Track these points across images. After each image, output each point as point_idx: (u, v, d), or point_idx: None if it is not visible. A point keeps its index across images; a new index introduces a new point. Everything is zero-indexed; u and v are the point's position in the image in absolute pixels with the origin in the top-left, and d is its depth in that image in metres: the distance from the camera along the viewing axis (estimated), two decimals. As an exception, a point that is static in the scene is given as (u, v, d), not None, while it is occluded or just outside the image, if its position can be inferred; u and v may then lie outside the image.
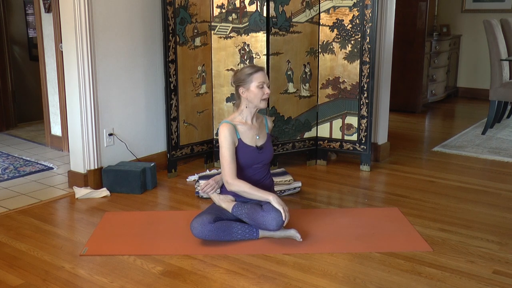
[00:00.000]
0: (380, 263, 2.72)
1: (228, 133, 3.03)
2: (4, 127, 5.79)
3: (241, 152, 3.09)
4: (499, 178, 4.14)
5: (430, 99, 7.09)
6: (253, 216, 2.92)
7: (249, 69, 3.11)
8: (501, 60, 5.45)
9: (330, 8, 4.20)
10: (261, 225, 2.91)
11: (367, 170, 4.28)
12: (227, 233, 2.92)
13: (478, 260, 2.75)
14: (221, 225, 2.92)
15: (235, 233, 2.93)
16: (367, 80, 4.13)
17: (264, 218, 2.88)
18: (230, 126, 3.06)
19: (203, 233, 2.88)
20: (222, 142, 3.03)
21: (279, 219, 2.86)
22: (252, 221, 2.94)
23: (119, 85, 3.96)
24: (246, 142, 3.11)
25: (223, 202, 3.06)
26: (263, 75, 3.09)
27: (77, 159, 3.88)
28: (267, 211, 2.89)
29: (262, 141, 3.18)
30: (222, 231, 2.91)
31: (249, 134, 3.13)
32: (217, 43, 4.21)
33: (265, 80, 3.09)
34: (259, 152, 3.13)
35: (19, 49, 6.23)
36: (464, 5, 7.72)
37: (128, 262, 2.74)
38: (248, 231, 2.95)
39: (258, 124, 3.21)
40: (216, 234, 2.90)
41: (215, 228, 2.89)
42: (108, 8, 3.79)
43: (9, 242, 2.99)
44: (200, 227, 2.88)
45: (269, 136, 3.28)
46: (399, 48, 6.07)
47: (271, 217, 2.86)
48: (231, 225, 2.94)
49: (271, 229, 2.89)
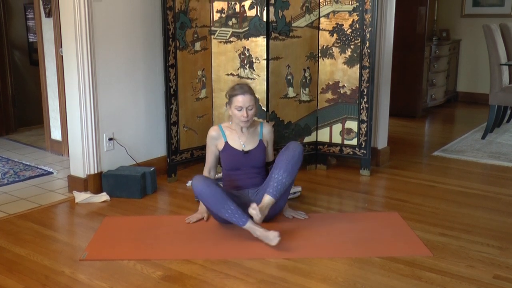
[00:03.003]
0: (380, 267, 2.72)
1: (210, 137, 3.33)
2: (4, 132, 5.79)
3: (227, 153, 3.28)
4: (499, 183, 4.14)
5: (430, 103, 7.09)
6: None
7: (234, 89, 3.22)
8: (500, 65, 5.45)
9: (329, 13, 4.20)
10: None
11: (367, 175, 4.28)
12: (219, 206, 2.96)
13: (478, 264, 2.75)
14: (220, 195, 2.96)
15: (225, 210, 2.95)
16: (367, 84, 4.14)
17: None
18: (216, 128, 3.33)
19: (201, 191, 2.97)
20: (207, 141, 3.37)
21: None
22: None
23: (119, 89, 3.96)
24: (232, 145, 3.27)
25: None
26: (243, 99, 3.15)
27: (77, 164, 3.87)
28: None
29: (250, 147, 3.30)
30: (217, 200, 2.95)
31: (236, 139, 3.29)
32: (217, 48, 4.22)
33: (243, 104, 3.15)
34: (244, 156, 3.26)
35: (19, 54, 6.23)
36: (464, 10, 7.74)
37: (128, 267, 2.73)
38: (238, 216, 2.95)
39: (251, 132, 3.31)
40: (211, 200, 2.97)
41: (213, 194, 2.95)
42: (108, 13, 3.80)
43: (8, 246, 2.98)
44: (203, 183, 2.97)
45: (261, 142, 3.33)
46: (398, 52, 6.06)
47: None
48: (227, 201, 2.96)
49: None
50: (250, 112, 3.19)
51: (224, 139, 3.30)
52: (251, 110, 3.19)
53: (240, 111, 3.16)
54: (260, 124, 3.38)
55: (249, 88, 3.24)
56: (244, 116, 3.16)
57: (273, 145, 3.45)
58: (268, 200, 3.03)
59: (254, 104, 3.22)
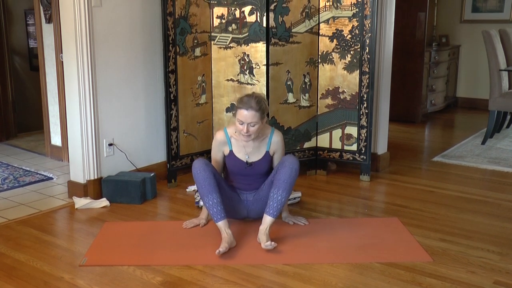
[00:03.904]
0: (380, 273, 2.71)
1: (217, 142, 3.26)
2: (4, 137, 5.80)
3: (231, 161, 3.26)
4: (499, 188, 4.14)
5: (429, 109, 7.10)
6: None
7: (241, 101, 3.06)
8: (500, 70, 5.46)
9: (329, 19, 4.21)
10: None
11: (367, 180, 4.28)
12: (206, 192, 3.01)
13: (478, 270, 2.74)
14: (210, 183, 3.00)
15: (208, 199, 3.00)
16: (367, 90, 4.14)
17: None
18: (222, 134, 3.25)
19: (196, 173, 3.03)
20: (212, 145, 3.31)
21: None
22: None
23: (119, 95, 3.96)
24: (236, 155, 3.23)
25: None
26: (246, 115, 3.01)
27: (77, 169, 3.87)
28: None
29: (254, 159, 3.23)
30: (206, 187, 3.00)
31: (241, 148, 3.22)
32: (217, 53, 4.22)
33: (245, 120, 3.02)
34: (246, 168, 3.23)
35: (19, 59, 6.25)
36: (463, 16, 7.76)
37: (127, 273, 2.73)
38: (216, 210, 2.98)
39: (257, 143, 3.21)
40: (200, 184, 3.00)
41: (205, 179, 3.01)
42: (109, 19, 3.81)
43: (8, 252, 2.98)
44: (200, 166, 3.02)
45: (267, 154, 3.24)
46: (398, 58, 6.08)
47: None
48: (213, 192, 3.00)
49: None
50: (252, 129, 3.04)
51: (229, 147, 3.23)
52: (253, 126, 3.04)
53: (241, 125, 3.05)
54: (270, 132, 3.24)
55: (256, 103, 3.02)
56: (244, 132, 3.04)
57: (282, 154, 3.27)
58: (269, 221, 3.01)
59: (259, 121, 3.05)
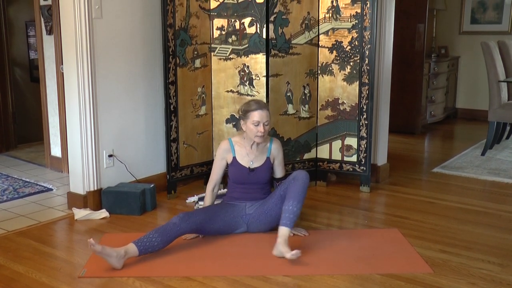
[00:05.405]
0: (380, 284, 2.70)
1: (221, 150, 3.40)
2: (4, 148, 5.80)
3: (234, 168, 3.36)
4: (499, 199, 4.13)
5: (429, 120, 7.11)
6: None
7: (251, 105, 3.30)
8: (499, 82, 5.47)
9: (329, 30, 4.23)
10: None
11: (367, 191, 4.28)
12: (162, 231, 2.99)
13: (479, 282, 2.73)
14: (170, 236, 3.00)
15: (157, 235, 2.98)
16: (366, 101, 4.15)
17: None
18: (227, 142, 3.41)
19: (174, 224, 3.01)
20: (216, 154, 3.45)
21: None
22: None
23: (119, 106, 3.97)
24: (240, 162, 3.35)
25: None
26: (261, 114, 3.23)
27: (76, 181, 3.87)
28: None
29: (257, 165, 3.37)
30: (168, 231, 2.99)
31: (245, 156, 3.36)
32: (217, 65, 4.24)
33: (261, 119, 3.23)
34: (249, 174, 3.33)
35: (20, 71, 6.26)
36: (462, 27, 7.79)
37: (127, 284, 2.72)
38: (146, 246, 2.94)
39: (259, 149, 3.38)
40: (168, 229, 2.99)
41: (173, 230, 3.00)
42: (109, 30, 3.82)
43: (7, 264, 2.97)
44: (180, 221, 3.02)
45: (268, 160, 3.40)
46: (398, 69, 6.10)
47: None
48: (171, 231, 2.99)
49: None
50: (266, 128, 3.26)
51: (232, 154, 3.37)
52: (267, 125, 3.27)
53: (257, 126, 3.23)
54: (270, 140, 3.45)
55: (265, 104, 3.34)
56: (261, 131, 3.23)
57: (282, 161, 3.49)
58: (287, 232, 3.02)
59: (270, 120, 3.31)
